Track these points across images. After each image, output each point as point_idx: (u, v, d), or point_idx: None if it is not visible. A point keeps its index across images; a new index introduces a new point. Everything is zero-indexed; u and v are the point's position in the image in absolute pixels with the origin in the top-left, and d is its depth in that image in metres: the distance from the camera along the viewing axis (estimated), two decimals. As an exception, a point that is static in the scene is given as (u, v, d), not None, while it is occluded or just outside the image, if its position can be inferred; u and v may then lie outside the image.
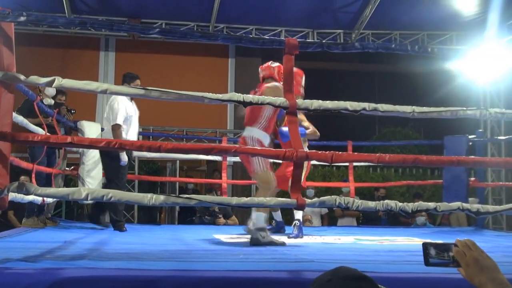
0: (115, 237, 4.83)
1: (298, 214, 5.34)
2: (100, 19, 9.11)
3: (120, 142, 3.07)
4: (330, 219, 9.07)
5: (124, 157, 5.79)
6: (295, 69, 4.79)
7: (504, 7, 8.35)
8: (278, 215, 5.91)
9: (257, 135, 4.67)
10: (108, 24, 3.81)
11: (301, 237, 5.11)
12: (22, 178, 6.39)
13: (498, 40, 8.69)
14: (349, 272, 1.40)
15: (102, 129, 6.55)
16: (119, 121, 5.75)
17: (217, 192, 8.99)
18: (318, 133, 5.45)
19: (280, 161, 5.54)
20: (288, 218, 6.63)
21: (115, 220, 5.82)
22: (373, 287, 1.35)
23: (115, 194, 2.83)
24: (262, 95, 4.43)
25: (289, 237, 5.08)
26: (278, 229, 5.85)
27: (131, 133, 5.94)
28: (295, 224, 5.24)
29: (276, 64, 4.87)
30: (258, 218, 4.35)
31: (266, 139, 4.69)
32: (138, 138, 6.27)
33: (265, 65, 4.97)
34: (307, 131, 5.30)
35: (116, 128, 5.76)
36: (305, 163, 5.19)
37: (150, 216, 10.50)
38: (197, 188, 13.29)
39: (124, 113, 5.81)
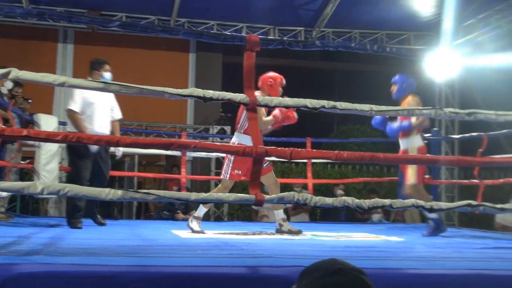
0: (72, 233, 4.76)
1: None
2: (59, 11, 8.93)
3: (77, 136, 3.03)
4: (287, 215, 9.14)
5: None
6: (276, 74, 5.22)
7: (459, 10, 8.56)
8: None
9: (240, 140, 4.92)
10: (67, 15, 3.77)
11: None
12: None
13: (453, 41, 8.91)
14: (354, 265, 1.47)
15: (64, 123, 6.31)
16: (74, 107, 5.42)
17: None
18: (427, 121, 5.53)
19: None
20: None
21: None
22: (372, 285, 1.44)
23: (72, 189, 2.79)
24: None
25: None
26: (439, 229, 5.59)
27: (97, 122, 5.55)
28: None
29: None
30: (278, 214, 5.35)
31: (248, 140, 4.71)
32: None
33: None
34: (413, 122, 5.45)
35: (69, 114, 5.46)
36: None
37: (107, 211, 10.37)
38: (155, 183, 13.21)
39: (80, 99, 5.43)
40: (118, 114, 5.91)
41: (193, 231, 5.04)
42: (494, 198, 4.69)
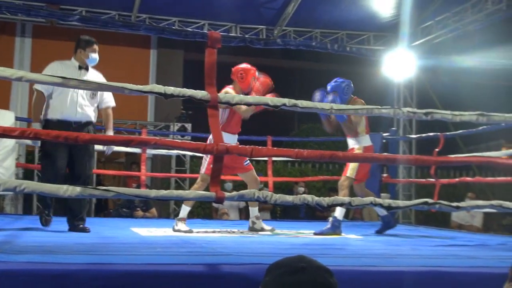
0: (28, 230, 4.67)
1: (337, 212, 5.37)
2: (17, 3, 8.70)
3: (35, 132, 2.97)
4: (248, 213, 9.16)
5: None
6: (248, 66, 5.28)
7: (417, 11, 8.75)
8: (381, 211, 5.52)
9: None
10: (25, 8, 3.68)
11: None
12: None
13: (412, 43, 9.10)
14: (321, 264, 1.42)
15: (31, 121, 5.44)
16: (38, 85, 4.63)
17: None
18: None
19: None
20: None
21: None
22: (336, 284, 1.41)
23: (28, 185, 2.74)
24: None
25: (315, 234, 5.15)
26: (388, 226, 5.57)
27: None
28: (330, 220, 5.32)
29: None
30: (252, 211, 5.39)
31: (228, 139, 4.87)
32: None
33: None
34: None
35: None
36: None
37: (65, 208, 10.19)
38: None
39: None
40: (108, 101, 5.00)
41: (182, 232, 4.97)
42: (450, 197, 4.81)
